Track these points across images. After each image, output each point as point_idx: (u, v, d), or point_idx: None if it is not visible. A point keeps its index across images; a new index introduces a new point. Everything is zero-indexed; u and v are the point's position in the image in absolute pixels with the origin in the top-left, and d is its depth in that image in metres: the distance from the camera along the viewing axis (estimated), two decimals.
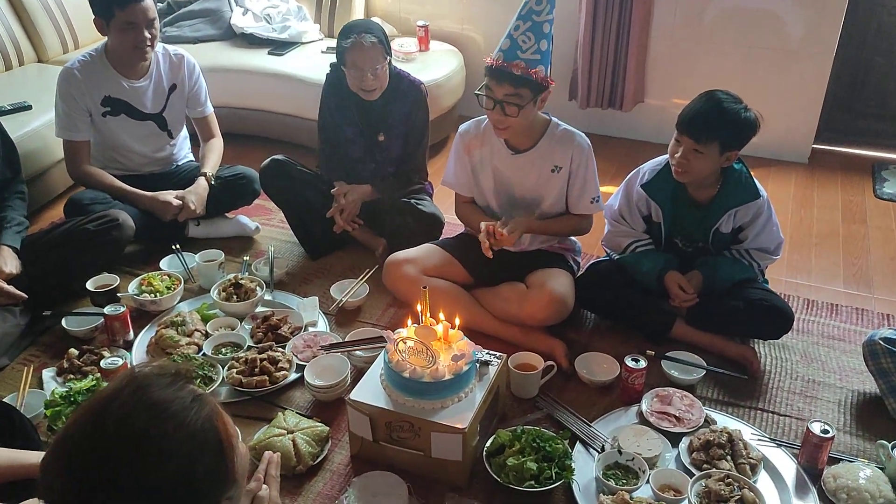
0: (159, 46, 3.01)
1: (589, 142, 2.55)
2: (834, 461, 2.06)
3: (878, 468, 2.00)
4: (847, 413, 2.29)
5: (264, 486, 1.44)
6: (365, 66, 2.74)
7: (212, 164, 3.11)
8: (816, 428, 2.00)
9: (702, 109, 2.32)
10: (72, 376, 2.34)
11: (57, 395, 2.17)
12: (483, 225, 2.47)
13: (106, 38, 2.90)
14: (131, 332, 2.55)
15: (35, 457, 1.63)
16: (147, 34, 2.81)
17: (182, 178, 3.13)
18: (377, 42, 2.73)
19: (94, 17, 2.81)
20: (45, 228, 2.78)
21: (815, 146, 4.00)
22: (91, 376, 2.29)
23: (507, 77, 2.32)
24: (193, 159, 3.30)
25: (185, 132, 3.24)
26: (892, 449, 2.02)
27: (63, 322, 2.57)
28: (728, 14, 3.82)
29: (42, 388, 2.32)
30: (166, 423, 1.01)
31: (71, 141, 2.94)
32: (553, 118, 2.56)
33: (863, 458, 2.08)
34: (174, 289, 2.71)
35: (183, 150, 3.25)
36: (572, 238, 2.76)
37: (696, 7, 3.86)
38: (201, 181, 3.00)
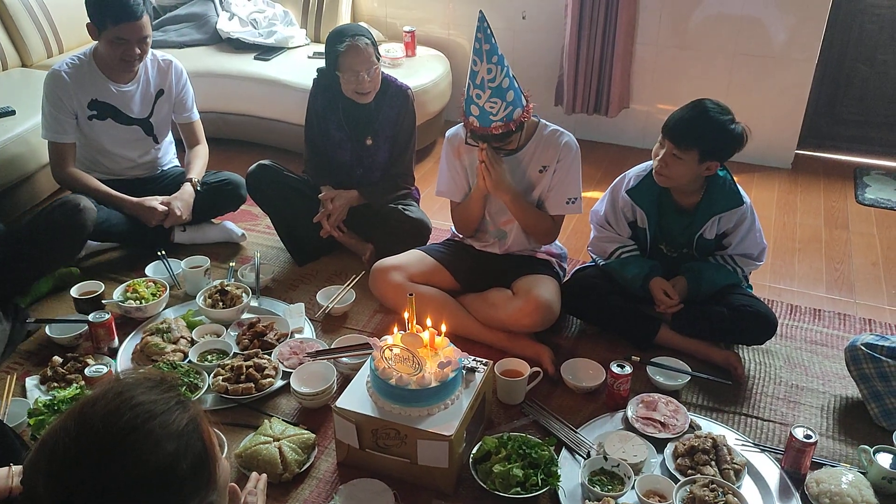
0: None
1: (577, 143, 2.56)
2: (817, 466, 2.08)
3: (861, 473, 2.02)
4: (830, 418, 2.31)
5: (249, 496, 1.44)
6: (361, 68, 2.75)
7: (197, 169, 3.10)
8: (799, 433, 2.01)
9: (686, 116, 2.34)
10: (55, 384, 2.32)
11: (40, 404, 2.15)
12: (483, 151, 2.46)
13: (95, 42, 2.89)
14: (116, 340, 2.53)
15: None
16: (137, 49, 2.81)
17: (167, 183, 3.11)
18: (370, 43, 2.76)
19: (87, 21, 2.80)
20: (11, 224, 2.77)
21: (798, 152, 4.04)
22: (75, 384, 2.28)
23: (491, 138, 2.37)
24: (179, 164, 3.29)
25: (170, 137, 3.23)
26: (874, 454, 2.04)
27: (47, 329, 2.55)
28: (712, 21, 3.86)
29: (25, 397, 2.30)
30: (151, 422, 1.01)
31: (56, 143, 2.92)
32: (541, 120, 2.57)
33: (845, 463, 2.10)
34: (159, 295, 2.70)
35: (168, 155, 3.24)
36: (558, 243, 2.77)
37: (680, 14, 3.89)
38: (187, 187, 2.99)
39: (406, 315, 2.06)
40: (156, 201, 2.91)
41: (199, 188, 3.02)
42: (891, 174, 3.93)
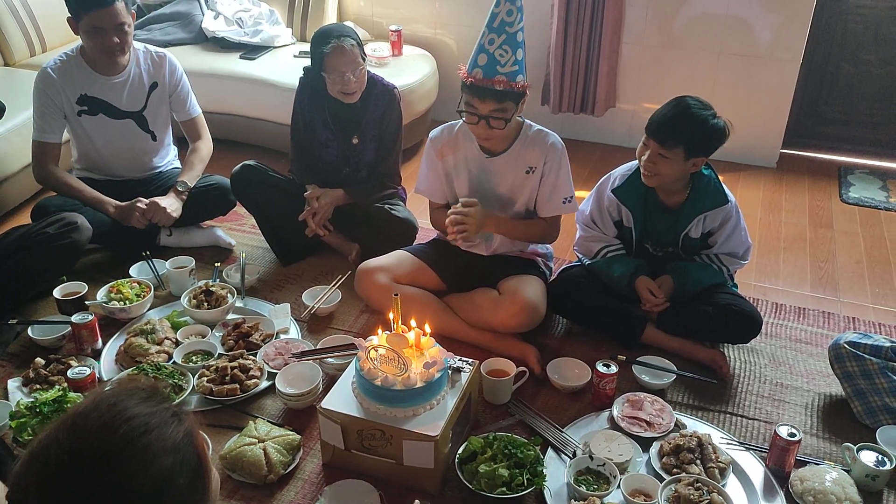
0: (140, 45, 2.99)
1: (562, 142, 2.56)
2: (801, 464, 2.09)
3: (844, 471, 2.03)
4: (814, 416, 2.32)
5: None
6: (346, 69, 2.74)
7: (194, 172, 3.03)
8: (784, 431, 2.02)
9: (669, 114, 2.35)
10: (38, 386, 2.29)
11: (22, 406, 2.13)
12: (450, 214, 2.45)
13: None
14: (99, 341, 2.51)
15: None
16: (115, 39, 2.77)
17: (163, 184, 3.07)
18: (356, 44, 2.75)
19: (67, 16, 2.78)
20: (1, 234, 2.74)
21: (783, 151, 4.06)
22: (58, 386, 2.25)
23: (490, 93, 2.31)
24: (179, 166, 3.22)
25: (170, 140, 3.19)
26: (858, 451, 2.05)
27: (29, 330, 2.53)
28: (698, 20, 3.87)
29: (7, 399, 2.28)
30: (148, 435, 0.99)
31: (38, 141, 2.90)
32: (526, 120, 2.57)
33: (829, 461, 2.11)
34: (144, 296, 2.67)
35: (167, 156, 3.20)
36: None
37: (666, 13, 3.91)
38: (172, 193, 2.93)
39: (391, 315, 2.05)
40: (140, 202, 2.86)
41: (184, 197, 2.96)
42: (874, 173, 3.96)
